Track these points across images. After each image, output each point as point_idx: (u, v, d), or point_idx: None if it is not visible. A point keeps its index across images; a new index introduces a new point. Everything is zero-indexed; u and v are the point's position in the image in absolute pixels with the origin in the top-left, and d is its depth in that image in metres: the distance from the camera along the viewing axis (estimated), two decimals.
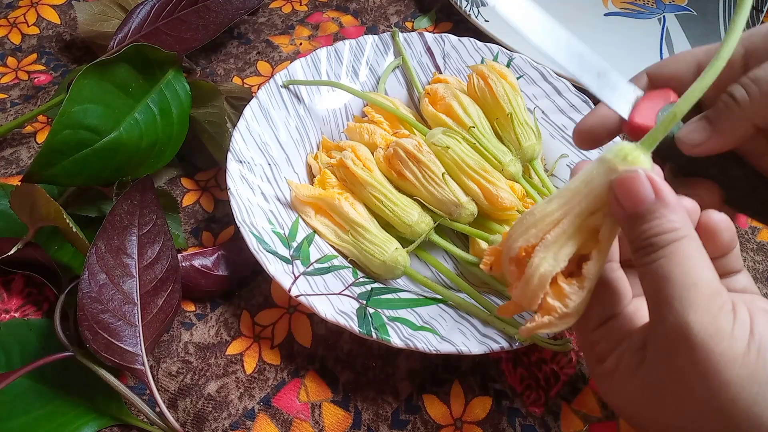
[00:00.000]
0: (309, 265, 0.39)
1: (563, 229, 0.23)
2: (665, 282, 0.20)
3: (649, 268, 0.21)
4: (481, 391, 0.38)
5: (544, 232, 0.23)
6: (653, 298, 0.21)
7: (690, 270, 0.20)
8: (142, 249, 0.37)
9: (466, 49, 0.51)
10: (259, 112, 0.44)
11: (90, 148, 0.39)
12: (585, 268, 0.23)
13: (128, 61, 0.42)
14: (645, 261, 0.21)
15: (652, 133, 0.22)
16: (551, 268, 0.23)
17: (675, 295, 0.20)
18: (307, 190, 0.41)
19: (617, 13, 0.63)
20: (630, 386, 0.22)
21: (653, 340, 0.21)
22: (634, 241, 0.22)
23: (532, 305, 0.23)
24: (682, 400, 0.20)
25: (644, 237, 0.21)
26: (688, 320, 0.19)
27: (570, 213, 0.23)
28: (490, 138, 0.43)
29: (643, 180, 0.21)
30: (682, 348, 0.20)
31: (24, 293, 0.41)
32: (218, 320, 0.41)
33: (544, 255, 0.23)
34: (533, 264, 0.23)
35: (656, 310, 0.21)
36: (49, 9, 0.60)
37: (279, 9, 0.62)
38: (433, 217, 0.41)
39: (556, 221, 0.23)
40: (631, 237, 0.22)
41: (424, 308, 0.37)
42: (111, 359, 0.34)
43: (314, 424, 0.37)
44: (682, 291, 0.20)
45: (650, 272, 0.21)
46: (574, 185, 0.23)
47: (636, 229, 0.22)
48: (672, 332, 0.20)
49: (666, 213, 0.21)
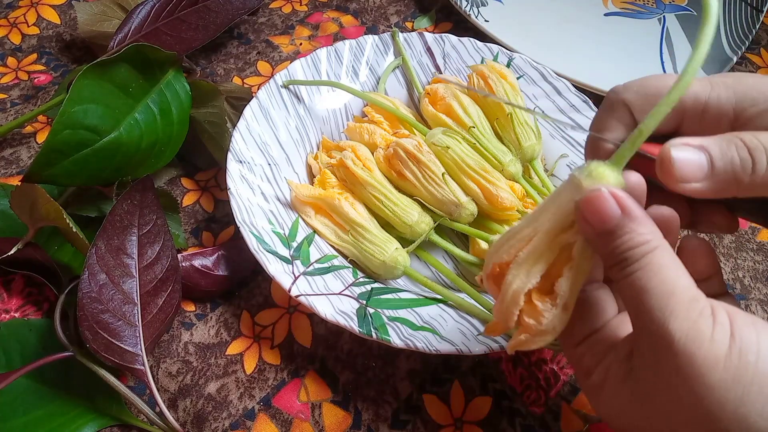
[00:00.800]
0: (309, 265, 0.39)
1: (534, 246, 0.23)
2: (643, 293, 0.20)
3: (625, 281, 0.21)
4: (481, 391, 0.38)
5: (516, 249, 0.23)
6: (634, 310, 0.21)
7: (666, 279, 0.20)
8: (142, 249, 0.37)
9: (466, 49, 0.51)
10: (259, 112, 0.44)
11: (90, 148, 0.39)
12: (557, 285, 0.23)
13: (128, 61, 0.42)
14: (621, 275, 0.21)
15: (620, 151, 0.22)
16: (522, 285, 0.23)
17: (654, 305, 0.20)
18: (307, 190, 0.41)
19: (617, 13, 0.63)
20: (619, 397, 0.22)
21: (638, 351, 0.21)
22: (607, 258, 0.22)
23: (509, 323, 0.23)
24: (670, 407, 0.20)
25: (617, 253, 0.21)
26: (669, 328, 0.20)
27: (539, 230, 0.23)
28: (490, 138, 0.43)
29: (607, 197, 0.21)
30: (666, 355, 0.20)
31: (24, 293, 0.41)
32: (218, 320, 0.41)
33: (517, 272, 0.23)
34: (507, 281, 0.23)
35: (638, 321, 0.21)
36: (49, 9, 0.60)
37: (279, 9, 0.62)
38: (433, 217, 0.41)
39: (527, 238, 0.23)
40: (604, 254, 0.22)
41: (424, 308, 0.37)
42: (111, 359, 0.34)
43: (314, 424, 0.37)
44: (660, 300, 0.20)
45: (627, 285, 0.21)
46: (543, 203, 0.24)
47: (608, 246, 0.22)
48: (655, 341, 0.20)
49: (635, 227, 0.21)
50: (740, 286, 0.45)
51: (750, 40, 0.58)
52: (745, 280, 0.46)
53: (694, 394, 0.19)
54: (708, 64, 0.57)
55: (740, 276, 0.46)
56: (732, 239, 0.48)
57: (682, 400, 0.20)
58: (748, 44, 0.58)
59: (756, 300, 0.44)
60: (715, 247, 0.47)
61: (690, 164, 0.22)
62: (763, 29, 0.65)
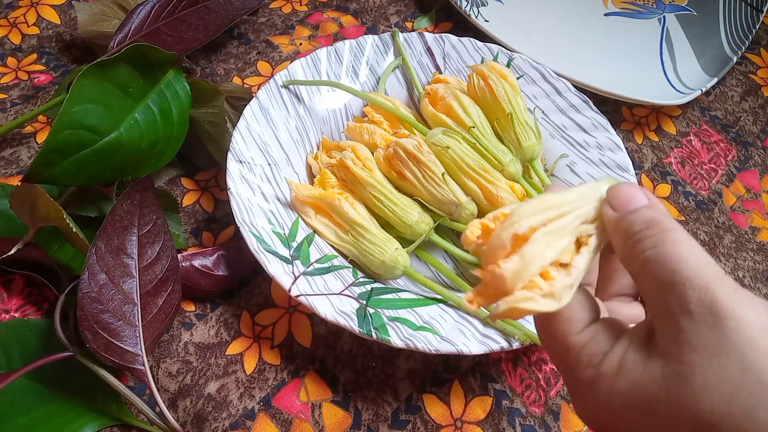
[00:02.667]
0: (309, 265, 0.39)
1: (566, 223, 0.23)
2: (679, 263, 0.20)
3: (656, 252, 0.21)
4: (481, 391, 0.38)
5: (550, 219, 0.23)
6: (665, 284, 0.20)
7: (699, 251, 0.20)
8: (142, 249, 0.37)
9: (466, 49, 0.51)
10: (259, 112, 0.44)
11: (90, 149, 0.39)
12: (574, 260, 0.23)
13: (128, 62, 0.42)
14: (647, 247, 0.21)
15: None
16: (554, 253, 0.23)
17: (693, 274, 0.20)
18: (307, 190, 0.41)
19: (617, 13, 0.63)
20: (641, 382, 0.21)
21: (666, 328, 0.21)
22: (630, 236, 0.22)
23: (516, 286, 0.23)
24: (713, 378, 0.19)
25: (642, 227, 0.21)
26: (714, 294, 0.19)
27: (571, 212, 0.23)
28: (490, 138, 0.43)
29: (638, 188, 0.22)
30: (711, 323, 0.19)
31: (24, 293, 0.41)
32: (218, 320, 0.41)
33: (548, 240, 0.23)
34: (537, 244, 0.23)
35: (672, 294, 0.20)
36: (49, 9, 0.60)
37: (279, 9, 0.62)
38: (433, 217, 0.41)
39: (564, 213, 0.23)
40: (628, 232, 0.22)
41: (424, 308, 0.37)
42: (111, 359, 0.34)
43: (314, 424, 0.37)
44: (698, 269, 0.20)
45: (659, 257, 0.21)
46: (575, 188, 0.24)
47: (631, 222, 0.22)
48: (697, 309, 0.19)
49: (660, 208, 0.22)
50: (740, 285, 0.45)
51: (750, 40, 0.58)
52: (745, 280, 0.46)
53: (746, 358, 0.19)
54: (708, 64, 0.57)
55: (740, 276, 0.46)
56: (732, 239, 0.48)
57: (729, 369, 0.19)
58: (748, 44, 0.58)
59: None
60: (715, 247, 0.47)
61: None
62: (763, 29, 0.65)
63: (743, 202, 0.51)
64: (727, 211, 0.50)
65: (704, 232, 0.48)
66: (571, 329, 0.23)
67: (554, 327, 0.23)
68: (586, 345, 0.22)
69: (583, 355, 0.22)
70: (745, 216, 0.50)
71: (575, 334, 0.23)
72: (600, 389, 0.22)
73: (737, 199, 0.51)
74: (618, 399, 0.21)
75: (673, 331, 0.20)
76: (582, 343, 0.22)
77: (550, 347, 0.24)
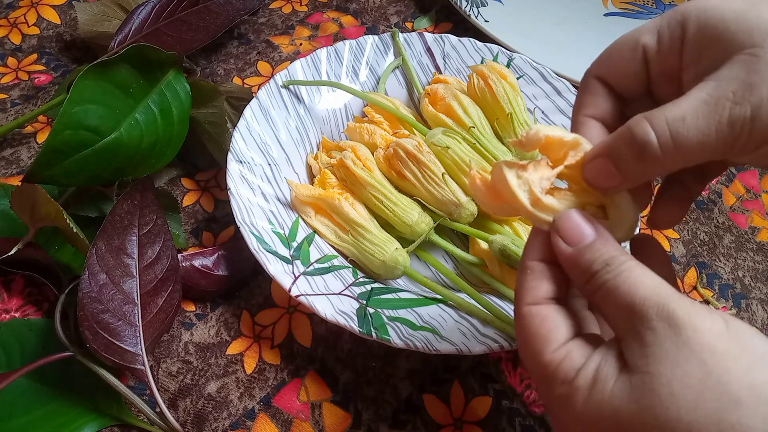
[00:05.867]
0: (309, 265, 0.39)
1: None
2: (636, 287, 0.22)
3: (612, 283, 0.22)
4: (481, 391, 0.38)
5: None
6: (624, 308, 0.22)
7: (652, 276, 0.22)
8: (142, 249, 0.37)
9: (466, 49, 0.51)
10: (259, 112, 0.44)
11: (90, 149, 0.39)
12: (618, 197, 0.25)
13: (129, 62, 0.42)
14: (604, 280, 0.23)
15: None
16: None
17: (650, 294, 0.21)
18: (307, 190, 0.41)
19: (617, 13, 0.63)
20: (614, 394, 0.21)
21: (631, 345, 0.22)
22: (586, 269, 0.23)
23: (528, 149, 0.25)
24: (677, 386, 0.20)
25: (600, 261, 0.23)
26: (671, 308, 0.21)
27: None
28: (490, 138, 0.43)
29: (581, 218, 0.24)
30: (672, 334, 0.20)
31: (24, 293, 0.41)
32: (218, 320, 0.41)
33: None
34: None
35: (634, 315, 0.22)
36: (49, 9, 0.60)
37: (279, 9, 0.62)
38: (433, 217, 0.41)
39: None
40: (583, 266, 0.23)
41: (424, 308, 0.37)
42: (111, 359, 0.34)
43: (314, 424, 0.37)
44: (654, 290, 0.21)
45: (614, 287, 0.22)
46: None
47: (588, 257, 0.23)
48: (657, 324, 0.21)
49: (608, 242, 0.24)
50: (740, 285, 0.45)
51: None
52: (746, 279, 0.46)
53: (705, 364, 0.20)
54: None
55: (740, 276, 0.46)
56: (732, 239, 0.48)
57: (692, 375, 0.20)
58: None
59: (756, 299, 0.44)
60: (715, 247, 0.47)
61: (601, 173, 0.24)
62: None
63: (743, 202, 0.51)
64: (726, 211, 0.50)
65: (704, 232, 0.48)
66: (547, 348, 0.24)
67: (532, 346, 0.24)
68: (560, 362, 0.23)
69: (558, 371, 0.23)
70: (745, 216, 0.50)
71: (551, 352, 0.24)
72: (575, 404, 0.22)
73: (737, 199, 0.51)
74: (592, 411, 0.22)
75: (639, 346, 0.21)
76: (557, 361, 0.23)
77: (528, 365, 0.25)
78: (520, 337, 0.25)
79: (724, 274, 0.46)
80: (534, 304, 0.25)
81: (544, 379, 0.24)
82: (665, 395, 0.20)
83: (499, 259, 0.38)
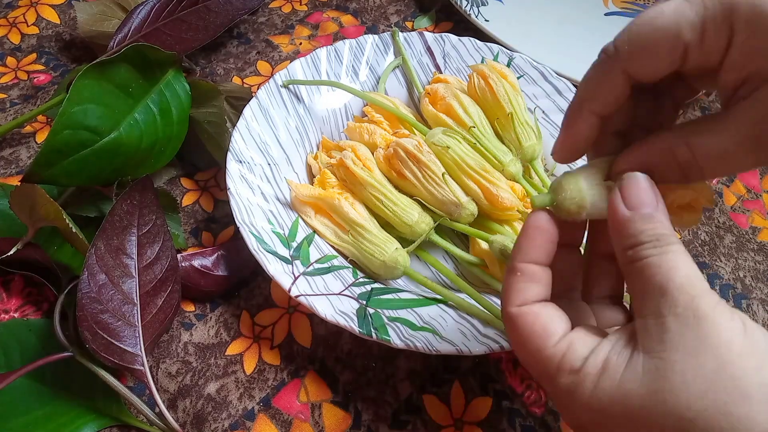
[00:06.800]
0: (309, 265, 0.39)
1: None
2: (676, 271, 0.22)
3: (657, 259, 0.23)
4: (481, 392, 0.38)
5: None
6: (659, 288, 0.22)
7: (693, 266, 0.23)
8: (142, 249, 0.37)
9: (467, 48, 0.51)
10: (258, 112, 0.44)
11: (90, 149, 0.39)
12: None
13: (128, 61, 0.42)
14: (653, 253, 0.23)
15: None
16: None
17: (686, 283, 0.22)
18: (307, 190, 0.41)
19: (617, 13, 0.63)
20: (623, 380, 0.22)
21: (650, 329, 0.22)
22: (636, 243, 0.23)
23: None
24: (691, 375, 0.21)
25: (650, 239, 0.23)
26: (700, 302, 0.21)
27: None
28: (490, 138, 0.43)
29: (649, 184, 0.24)
30: (694, 325, 0.21)
31: (24, 293, 0.41)
32: (218, 320, 0.41)
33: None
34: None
35: (664, 297, 0.22)
36: (48, 9, 0.60)
37: (279, 9, 0.62)
38: (433, 217, 0.40)
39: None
40: (635, 239, 0.23)
41: (424, 308, 0.37)
42: (110, 359, 0.34)
43: (314, 425, 0.37)
44: (690, 280, 0.22)
45: (659, 264, 0.22)
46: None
47: (642, 226, 0.23)
48: (684, 312, 0.21)
49: (664, 218, 0.23)
50: (741, 285, 0.45)
51: None
52: (746, 279, 0.46)
53: (721, 358, 0.21)
54: None
55: (741, 276, 0.46)
56: (732, 239, 0.48)
57: (706, 367, 0.21)
58: None
59: (757, 300, 0.44)
60: (716, 247, 0.47)
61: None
62: None
63: (744, 202, 0.51)
64: (727, 211, 0.50)
65: (705, 232, 0.48)
66: (548, 342, 0.24)
67: (529, 344, 0.24)
68: (564, 354, 0.24)
69: (563, 363, 0.23)
70: (746, 216, 0.50)
71: (552, 346, 0.24)
72: (583, 391, 0.23)
73: (738, 199, 0.51)
74: (602, 397, 0.22)
75: (659, 330, 0.22)
76: (560, 353, 0.24)
77: (528, 363, 0.25)
78: (513, 339, 0.25)
79: (724, 274, 0.46)
80: (523, 305, 0.25)
81: (547, 374, 0.24)
82: (677, 382, 0.21)
83: (499, 259, 0.38)
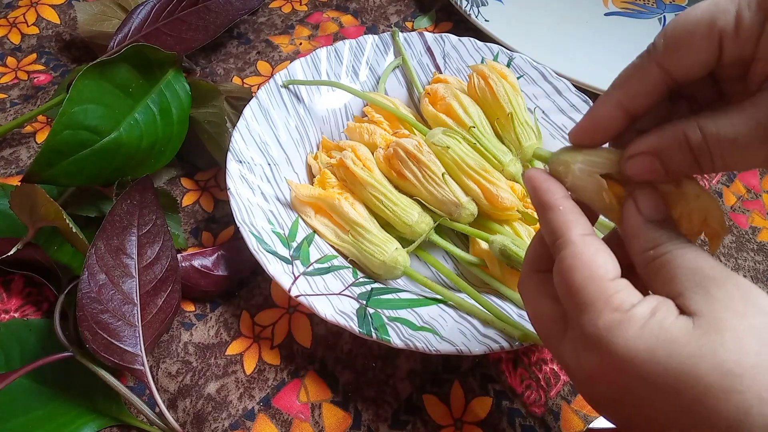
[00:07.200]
0: (309, 265, 0.39)
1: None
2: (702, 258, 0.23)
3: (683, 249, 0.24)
4: (481, 392, 0.38)
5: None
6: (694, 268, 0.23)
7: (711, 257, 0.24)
8: (142, 249, 0.37)
9: (467, 48, 0.51)
10: (258, 112, 0.44)
11: (90, 149, 0.39)
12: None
13: (128, 62, 0.42)
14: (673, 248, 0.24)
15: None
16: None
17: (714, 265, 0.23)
18: (307, 190, 0.41)
19: (617, 13, 0.63)
20: (674, 325, 0.22)
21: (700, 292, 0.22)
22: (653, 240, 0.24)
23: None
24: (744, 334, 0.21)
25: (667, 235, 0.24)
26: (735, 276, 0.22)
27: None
28: (490, 138, 0.43)
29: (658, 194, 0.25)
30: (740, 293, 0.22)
31: (24, 293, 0.41)
32: (218, 320, 0.41)
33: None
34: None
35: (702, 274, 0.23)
36: (48, 9, 0.60)
37: (279, 9, 0.62)
38: (433, 217, 0.40)
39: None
40: (653, 236, 0.24)
41: (424, 308, 0.37)
42: (111, 359, 0.34)
43: (314, 425, 0.37)
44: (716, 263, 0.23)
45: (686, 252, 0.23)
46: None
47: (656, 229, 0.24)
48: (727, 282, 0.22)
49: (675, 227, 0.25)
50: None
51: None
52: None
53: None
54: None
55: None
56: (732, 240, 0.48)
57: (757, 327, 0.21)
58: None
59: None
60: None
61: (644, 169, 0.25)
62: None
63: (743, 202, 0.51)
64: (727, 211, 0.50)
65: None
66: (604, 276, 0.24)
67: (585, 271, 0.24)
68: (618, 292, 0.23)
69: (614, 299, 0.23)
70: (746, 216, 0.50)
71: (610, 280, 0.24)
72: (627, 330, 0.22)
73: (737, 199, 0.51)
74: (648, 338, 0.22)
75: (705, 297, 0.22)
76: (614, 289, 0.23)
77: (573, 293, 0.24)
78: (568, 264, 0.24)
79: None
80: (587, 235, 0.25)
81: (592, 305, 0.23)
82: (730, 338, 0.21)
83: (499, 259, 0.38)
